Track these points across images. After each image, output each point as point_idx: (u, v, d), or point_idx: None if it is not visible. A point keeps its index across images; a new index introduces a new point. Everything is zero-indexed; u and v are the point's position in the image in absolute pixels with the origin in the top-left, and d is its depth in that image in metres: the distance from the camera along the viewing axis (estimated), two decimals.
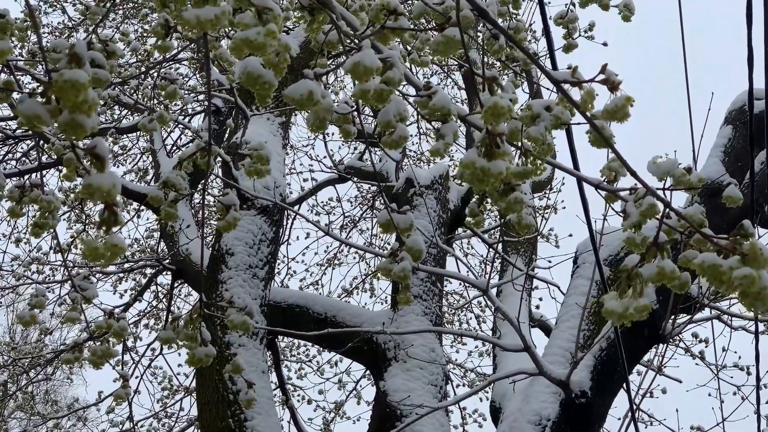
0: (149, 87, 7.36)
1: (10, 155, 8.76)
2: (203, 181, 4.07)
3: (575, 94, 1.56)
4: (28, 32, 4.63)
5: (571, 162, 2.68)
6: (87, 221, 9.26)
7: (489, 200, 2.14)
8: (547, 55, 6.15)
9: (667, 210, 1.52)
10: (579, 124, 1.70)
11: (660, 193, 1.64)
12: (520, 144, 1.75)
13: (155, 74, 8.07)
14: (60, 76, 1.09)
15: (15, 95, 2.54)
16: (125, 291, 9.74)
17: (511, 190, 1.81)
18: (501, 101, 1.43)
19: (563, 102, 1.56)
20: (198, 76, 9.57)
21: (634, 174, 1.42)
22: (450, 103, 1.75)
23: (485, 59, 3.14)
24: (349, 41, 1.89)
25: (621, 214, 1.86)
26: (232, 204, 2.64)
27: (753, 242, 1.28)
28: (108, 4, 5.89)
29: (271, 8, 1.37)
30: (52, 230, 2.84)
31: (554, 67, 2.85)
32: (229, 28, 1.53)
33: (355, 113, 2.15)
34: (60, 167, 7.46)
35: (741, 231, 1.33)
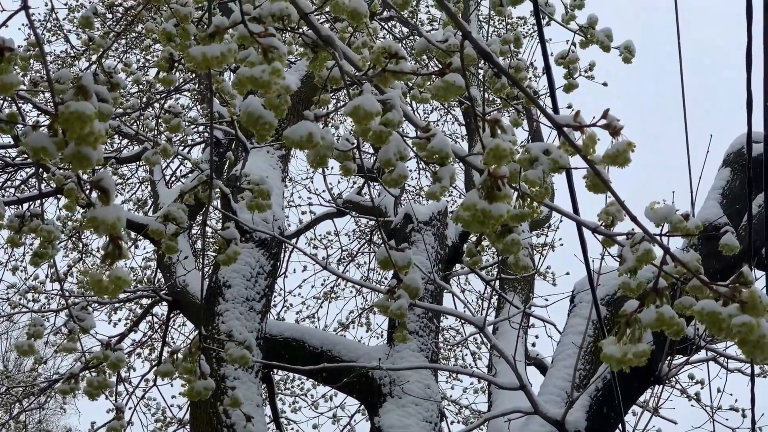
0: (150, 118, 7.39)
1: (9, 183, 8.77)
2: (202, 213, 4.08)
3: (572, 134, 1.57)
4: (31, 61, 4.65)
5: (571, 204, 2.69)
6: (84, 250, 9.26)
7: (486, 240, 2.14)
8: (548, 94, 6.17)
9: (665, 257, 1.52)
10: (578, 168, 1.71)
11: (657, 239, 1.65)
12: (518, 186, 1.76)
13: (157, 105, 8.11)
14: (66, 108, 1.10)
15: (18, 126, 2.55)
16: (119, 320, 9.72)
17: (508, 232, 1.82)
18: (503, 144, 1.44)
19: (565, 146, 1.57)
20: (199, 107, 9.60)
21: (634, 219, 1.43)
22: (448, 146, 1.76)
23: (485, 96, 3.16)
24: (350, 80, 1.91)
25: (617, 258, 1.87)
26: (233, 238, 2.65)
27: (752, 290, 1.29)
28: (112, 35, 5.92)
29: (276, 47, 1.38)
30: (50, 260, 2.84)
31: (555, 106, 2.86)
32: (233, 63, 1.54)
33: (356, 150, 2.16)
34: (59, 196, 7.47)
35: (740, 278, 1.33)
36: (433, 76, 1.65)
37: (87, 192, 1.27)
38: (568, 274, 9.18)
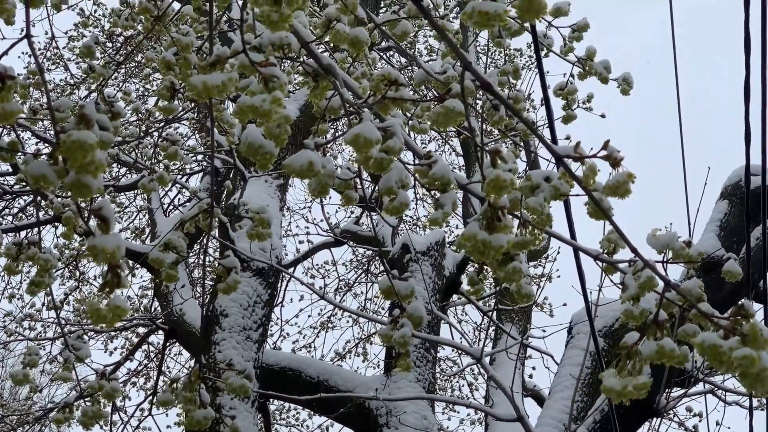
0: (149, 146, 7.40)
1: (7, 210, 8.77)
2: (202, 242, 4.08)
3: (570, 164, 1.57)
4: (30, 89, 4.66)
5: (568, 232, 2.69)
6: (81, 279, 9.23)
7: (488, 269, 2.14)
8: (545, 125, 6.18)
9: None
10: (578, 195, 1.71)
11: (659, 266, 1.64)
12: (519, 214, 1.76)
13: (155, 134, 8.12)
14: (68, 137, 1.10)
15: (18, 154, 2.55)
16: (115, 349, 9.68)
17: (510, 260, 1.82)
18: (503, 174, 1.44)
19: (565, 177, 1.57)
20: (198, 136, 9.62)
21: (634, 250, 1.42)
22: (450, 173, 1.76)
23: (483, 127, 3.16)
24: (350, 108, 1.91)
25: (619, 286, 1.87)
26: (233, 266, 2.64)
27: (754, 323, 1.28)
28: (112, 64, 5.93)
29: (277, 76, 1.38)
30: (47, 288, 2.84)
31: (553, 137, 2.87)
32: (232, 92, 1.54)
33: (357, 179, 2.16)
34: (56, 224, 7.47)
35: (741, 311, 1.33)
36: (433, 102, 1.66)
37: (86, 220, 1.27)
38: (565, 305, 9.17)
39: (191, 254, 8.06)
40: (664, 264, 1.85)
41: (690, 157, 3.90)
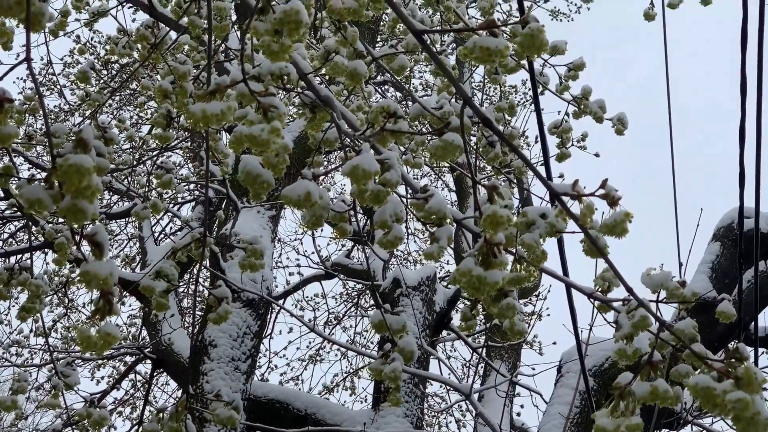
0: (142, 174, 7.40)
1: None
2: (194, 272, 4.07)
3: (567, 202, 1.57)
4: (25, 115, 4.65)
5: (561, 270, 2.68)
6: (69, 305, 9.19)
7: (481, 305, 2.13)
8: (539, 162, 6.17)
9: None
10: (574, 233, 1.70)
11: (653, 305, 1.64)
12: (514, 250, 1.75)
13: (148, 162, 8.12)
14: (65, 160, 1.10)
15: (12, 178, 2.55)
16: (102, 378, 9.62)
17: (503, 296, 1.81)
18: (500, 211, 1.44)
19: (562, 214, 1.57)
20: (191, 165, 9.62)
21: (629, 289, 1.42)
22: (446, 207, 1.76)
23: (477, 163, 3.16)
24: (348, 140, 1.91)
25: (613, 324, 1.86)
26: (225, 297, 2.63)
27: (748, 366, 1.28)
28: (107, 91, 5.94)
29: (276, 106, 1.38)
30: (37, 314, 2.82)
31: (548, 174, 2.87)
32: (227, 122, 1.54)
33: (352, 212, 2.15)
34: (46, 250, 7.44)
35: (735, 354, 1.32)
36: (431, 136, 1.66)
37: (79, 246, 1.26)
38: (554, 343, 9.15)
39: (182, 283, 8.03)
40: (658, 304, 1.85)
41: (682, 198, 3.91)
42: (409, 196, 2.24)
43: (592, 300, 1.82)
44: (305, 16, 1.46)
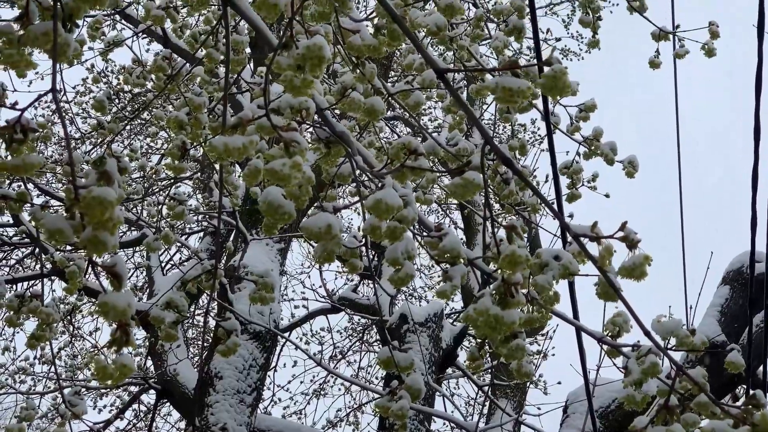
0: (153, 205, 7.42)
1: (5, 261, 8.75)
2: (201, 303, 4.07)
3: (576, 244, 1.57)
4: (37, 142, 4.67)
5: (571, 312, 2.68)
6: (74, 333, 9.18)
7: (489, 345, 2.12)
8: (551, 202, 6.17)
9: (670, 371, 1.51)
10: (588, 275, 1.70)
11: (670, 354, 1.63)
12: (526, 291, 1.75)
13: (159, 191, 8.14)
14: (89, 192, 1.10)
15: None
16: (105, 407, 9.58)
17: (513, 337, 1.81)
18: (519, 251, 1.44)
19: (580, 256, 1.57)
20: (201, 196, 9.64)
21: (647, 334, 1.42)
22: (460, 246, 1.76)
23: (490, 201, 3.16)
24: (364, 177, 1.91)
25: (622, 370, 1.85)
26: (234, 329, 2.63)
27: (765, 413, 1.27)
28: (122, 122, 5.97)
29: (298, 141, 1.39)
30: (48, 342, 2.82)
31: (561, 213, 2.87)
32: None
33: (363, 248, 2.15)
34: (53, 277, 7.45)
35: (752, 401, 1.32)
36: (449, 173, 1.66)
37: (98, 276, 1.26)
38: (560, 383, 9.13)
39: (188, 314, 8.01)
40: (667, 351, 1.84)
41: (691, 241, 3.90)
42: (422, 233, 2.25)
43: (601, 345, 1.82)
44: (328, 52, 1.47)
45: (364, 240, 2.24)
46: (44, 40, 1.22)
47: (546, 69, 1.30)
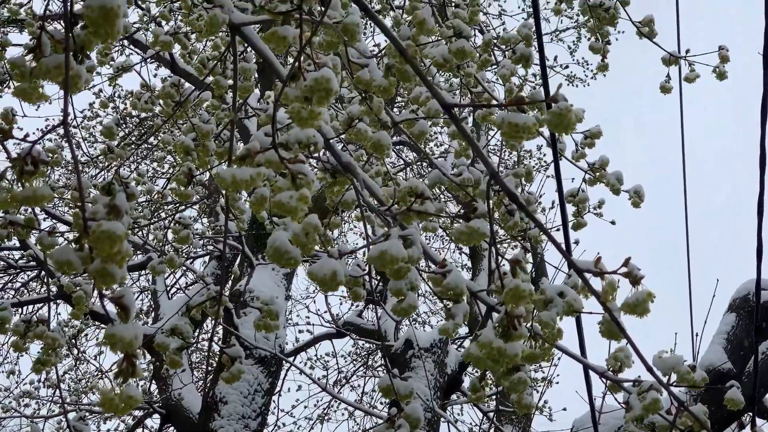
0: (160, 229, 7.43)
1: (10, 285, 8.76)
2: (206, 327, 4.07)
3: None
4: (48, 167, 4.69)
5: (579, 346, 2.68)
6: (79, 357, 9.17)
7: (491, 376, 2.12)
8: (554, 228, 6.18)
9: (670, 406, 1.52)
10: (592, 313, 1.70)
11: (673, 391, 1.64)
12: (530, 326, 1.75)
13: (166, 218, 8.15)
14: (98, 227, 1.11)
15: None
16: (108, 431, 9.56)
17: (515, 370, 1.81)
18: (523, 285, 1.45)
19: (584, 291, 1.58)
20: (207, 220, 9.65)
21: (650, 370, 1.42)
22: (464, 283, 1.76)
23: (495, 230, 3.17)
24: (372, 211, 1.92)
25: (623, 405, 1.86)
26: (238, 356, 2.63)
27: None
28: (129, 147, 6.00)
29: (305, 174, 1.40)
30: (53, 366, 2.83)
31: (567, 243, 2.88)
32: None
33: (366, 277, 2.16)
34: (59, 301, 7.46)
35: None
36: (457, 218, 1.67)
37: (104, 306, 1.27)
38: (565, 410, 9.10)
39: (194, 338, 8.01)
40: (669, 387, 1.85)
41: (697, 268, 3.90)
42: (427, 266, 2.25)
43: (603, 380, 1.82)
44: (335, 85, 1.48)
45: (368, 270, 2.25)
46: (56, 72, 1.23)
47: (552, 106, 1.31)
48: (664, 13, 3.99)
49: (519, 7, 12.84)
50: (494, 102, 3.34)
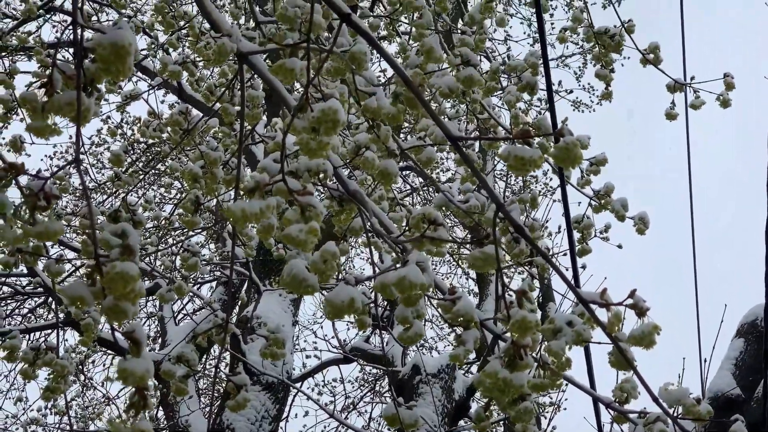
0: (167, 255, 7.44)
1: (17, 311, 8.77)
2: (213, 353, 4.07)
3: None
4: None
5: (587, 374, 2.68)
6: (86, 383, 9.17)
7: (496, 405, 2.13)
8: (560, 253, 6.17)
9: None
10: (601, 343, 1.71)
11: (683, 426, 1.64)
12: (538, 356, 1.75)
13: (171, 240, 8.16)
14: (113, 268, 1.13)
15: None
16: None
17: (521, 399, 1.81)
18: (529, 316, 1.46)
19: (589, 321, 1.58)
20: (214, 246, 9.66)
21: (656, 400, 1.42)
22: (474, 310, 1.77)
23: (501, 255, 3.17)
24: (383, 239, 1.93)
25: None
26: (244, 384, 2.63)
27: None
28: (135, 173, 6.02)
29: (314, 206, 1.41)
30: (62, 394, 2.83)
31: (575, 269, 2.88)
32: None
33: (373, 305, 2.17)
34: (65, 327, 7.46)
35: None
36: (466, 244, 1.68)
37: (112, 329, 1.28)
38: None
39: (200, 364, 7.99)
40: (675, 420, 1.85)
41: (705, 292, 3.90)
42: (435, 294, 2.26)
43: (610, 411, 1.83)
44: (343, 116, 1.49)
45: (374, 297, 2.26)
46: (68, 109, 1.25)
47: (559, 141, 1.32)
48: (668, 35, 4.01)
49: (524, 33, 12.89)
50: (501, 130, 3.36)
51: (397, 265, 1.58)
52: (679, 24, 3.71)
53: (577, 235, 3.71)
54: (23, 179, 1.29)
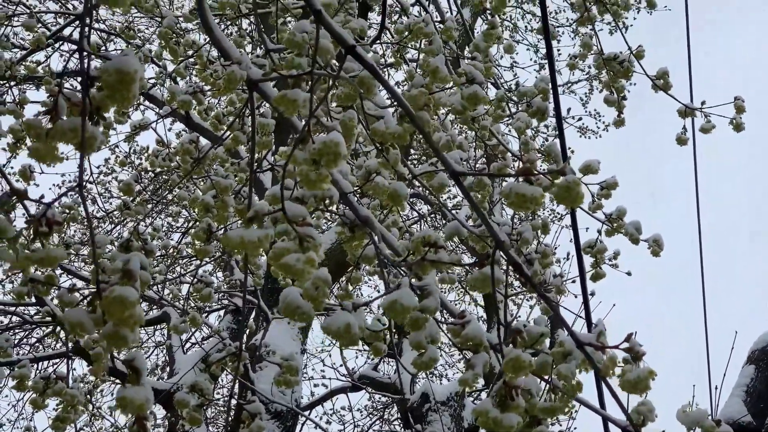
0: (175, 284, 7.43)
1: (25, 340, 8.76)
2: (221, 381, 4.05)
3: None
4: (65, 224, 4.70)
5: (597, 397, 2.65)
6: (94, 413, 9.14)
7: None
8: (570, 280, 6.15)
9: None
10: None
11: None
12: (549, 379, 1.74)
13: (185, 274, 8.16)
14: (111, 293, 1.12)
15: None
16: None
17: (537, 423, 1.79)
18: (523, 356, 1.46)
19: (585, 364, 1.58)
20: (222, 274, 9.65)
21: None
22: (483, 334, 1.75)
23: (508, 280, 3.15)
24: (388, 264, 1.91)
25: None
26: (258, 413, 2.62)
27: None
28: (144, 201, 6.01)
29: (313, 237, 1.40)
30: (72, 424, 2.82)
31: (585, 297, 2.86)
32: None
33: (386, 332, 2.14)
34: (74, 356, 7.44)
35: None
36: (472, 267, 1.66)
37: (116, 367, 1.27)
38: None
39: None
40: None
41: (715, 319, 3.88)
42: (445, 318, 2.24)
43: None
44: (344, 149, 1.48)
45: (388, 323, 2.24)
46: (72, 135, 1.24)
47: (560, 179, 1.32)
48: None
49: (531, 59, 12.94)
50: (509, 156, 3.34)
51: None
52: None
53: (590, 260, 3.69)
54: (31, 206, 1.28)
